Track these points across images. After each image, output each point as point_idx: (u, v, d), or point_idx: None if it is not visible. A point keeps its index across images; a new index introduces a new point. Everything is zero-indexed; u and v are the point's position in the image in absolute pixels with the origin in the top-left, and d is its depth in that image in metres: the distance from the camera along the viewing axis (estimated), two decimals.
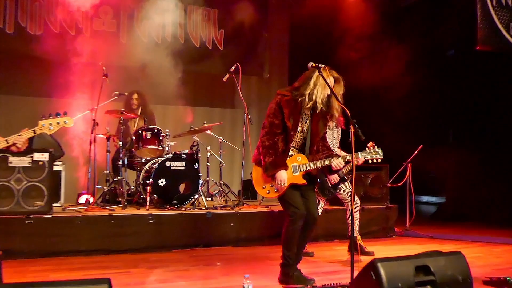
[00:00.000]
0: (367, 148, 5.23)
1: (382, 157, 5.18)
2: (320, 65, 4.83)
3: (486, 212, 10.46)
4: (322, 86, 4.86)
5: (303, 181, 4.92)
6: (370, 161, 6.14)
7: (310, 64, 4.89)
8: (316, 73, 4.84)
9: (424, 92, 11.06)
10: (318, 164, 4.93)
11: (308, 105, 4.88)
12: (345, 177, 6.37)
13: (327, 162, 4.95)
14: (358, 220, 6.62)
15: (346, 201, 6.55)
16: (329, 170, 5.20)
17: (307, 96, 4.87)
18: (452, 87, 11.31)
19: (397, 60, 10.48)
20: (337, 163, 4.95)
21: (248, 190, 9.62)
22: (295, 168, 4.91)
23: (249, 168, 10.51)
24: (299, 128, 4.93)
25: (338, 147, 6.65)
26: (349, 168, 6.50)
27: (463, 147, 10.80)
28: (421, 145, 8.43)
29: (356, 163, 6.28)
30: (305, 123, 4.97)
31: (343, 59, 10.32)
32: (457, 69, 11.20)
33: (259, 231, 7.35)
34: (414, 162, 8.52)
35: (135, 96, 8.78)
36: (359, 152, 5.09)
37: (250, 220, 7.34)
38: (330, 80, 4.89)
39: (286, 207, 4.93)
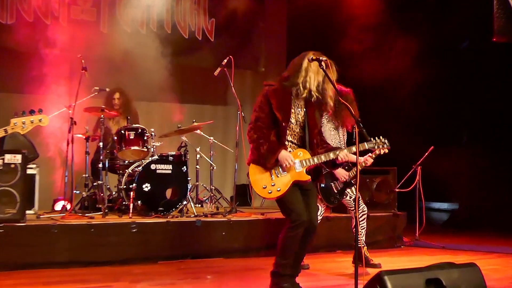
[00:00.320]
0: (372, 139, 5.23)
1: (389, 147, 5.18)
2: (321, 57, 4.84)
3: (504, 220, 10.49)
4: (315, 72, 4.91)
5: (308, 177, 4.94)
6: (374, 155, 6.20)
7: (311, 57, 4.91)
8: (306, 60, 4.91)
9: (435, 87, 11.08)
10: (323, 158, 4.96)
11: (304, 95, 4.92)
12: (352, 181, 6.39)
13: (331, 155, 4.96)
14: (365, 229, 6.64)
15: (352, 208, 6.56)
16: (333, 165, 5.17)
17: (301, 85, 4.92)
18: (465, 82, 11.34)
19: (405, 52, 10.49)
20: (343, 155, 4.96)
21: (242, 196, 9.62)
22: (297, 163, 4.92)
23: (243, 172, 10.50)
24: (292, 120, 4.95)
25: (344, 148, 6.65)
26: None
27: (478, 148, 10.83)
28: (432, 146, 8.45)
29: (364, 164, 6.34)
30: (299, 114, 4.99)
31: (345, 51, 10.33)
32: (471, 62, 11.23)
33: (254, 241, 7.35)
34: (424, 165, 8.54)
35: (117, 95, 8.78)
36: (364, 143, 5.09)
37: (244, 229, 7.34)
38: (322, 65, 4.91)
39: (287, 212, 4.94)
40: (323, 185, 6.30)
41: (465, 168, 10.89)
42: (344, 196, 6.48)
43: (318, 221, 6.27)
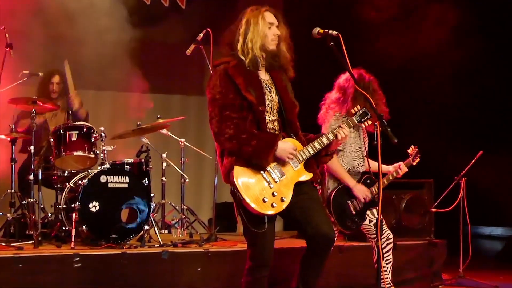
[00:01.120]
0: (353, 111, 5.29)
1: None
2: (332, 31, 4.88)
3: None
4: (258, 25, 4.94)
5: (310, 174, 4.98)
6: (409, 163, 6.30)
7: (317, 30, 4.96)
8: (247, 14, 4.99)
9: (483, 72, 11.10)
10: (316, 145, 4.99)
11: (248, 64, 4.92)
12: (375, 199, 6.42)
13: (325, 140, 4.98)
14: (391, 263, 6.65)
15: (373, 235, 6.57)
16: (325, 154, 5.18)
17: (240, 51, 4.95)
18: None
19: (441, 25, 10.52)
20: (343, 133, 4.98)
21: (224, 218, 9.63)
22: (293, 159, 4.93)
23: (225, 185, 10.47)
24: (267, 102, 4.95)
25: (366, 156, 6.70)
26: (386, 182, 6.56)
27: None
28: (481, 151, 8.47)
29: (395, 175, 6.39)
30: (271, 93, 5.00)
31: (360, 23, 10.35)
32: None
33: (240, 278, 7.35)
34: (470, 176, 8.57)
35: (56, 79, 8.77)
36: (353, 117, 5.17)
37: (226, 263, 7.33)
38: (268, 19, 4.99)
39: (250, 243, 4.99)
40: (336, 203, 6.33)
41: None
42: (366, 217, 6.51)
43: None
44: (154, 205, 8.12)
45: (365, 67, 6.39)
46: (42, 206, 7.93)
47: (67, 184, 7.78)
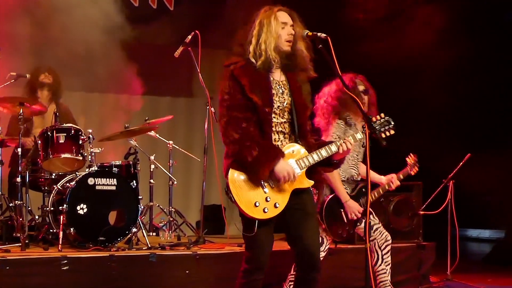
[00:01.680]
0: (374, 119, 5.27)
1: (395, 128, 5.18)
2: (320, 34, 4.87)
3: None
4: (271, 26, 4.90)
5: (310, 183, 4.93)
6: (403, 175, 6.32)
7: (305, 32, 4.94)
8: (260, 15, 4.95)
9: (470, 73, 11.14)
10: (323, 153, 4.92)
11: (260, 65, 4.87)
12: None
13: (333, 148, 4.95)
14: (389, 264, 6.66)
15: (371, 238, 6.58)
16: (328, 163, 5.13)
17: (252, 53, 4.90)
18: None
19: (430, 25, 10.53)
20: (345, 146, 4.94)
21: (212, 221, 9.62)
22: (294, 165, 4.86)
23: (213, 188, 10.54)
24: (275, 104, 4.90)
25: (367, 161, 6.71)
26: (376, 195, 6.56)
27: None
28: (469, 154, 8.49)
29: (387, 187, 6.41)
30: (283, 94, 4.95)
31: (348, 24, 10.36)
32: None
33: (229, 282, 7.34)
34: (458, 179, 8.58)
35: (45, 77, 8.73)
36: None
37: (215, 266, 7.34)
38: (281, 19, 4.95)
39: (247, 246, 4.95)
40: (326, 210, 6.33)
41: None
42: (358, 224, 6.51)
43: (322, 258, 6.32)
44: (142, 207, 8.10)
45: (352, 69, 6.38)
46: (29, 208, 7.91)
47: (54, 186, 7.75)
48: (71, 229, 7.34)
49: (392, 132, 5.28)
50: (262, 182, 4.77)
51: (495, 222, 12.34)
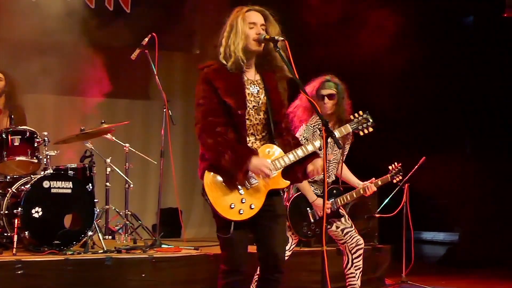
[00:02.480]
0: (352, 117, 5.36)
1: (374, 124, 5.29)
2: (278, 37, 4.88)
3: None
4: (238, 26, 4.88)
5: (286, 183, 4.94)
6: (381, 181, 6.39)
7: (263, 36, 4.93)
8: (231, 16, 4.92)
9: (426, 77, 11.21)
10: (299, 153, 4.93)
11: (231, 66, 4.85)
12: (340, 210, 6.47)
13: (310, 148, 4.96)
14: (361, 268, 6.66)
15: (342, 241, 6.60)
16: (302, 161, 5.14)
17: (223, 55, 4.88)
18: (469, 69, 11.52)
19: (383, 29, 10.56)
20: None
21: (168, 224, 9.60)
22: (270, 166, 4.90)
23: (170, 190, 10.51)
24: (251, 104, 4.91)
25: (341, 162, 6.73)
26: (349, 198, 6.58)
27: (487, 159, 10.98)
28: (424, 157, 8.56)
29: (362, 192, 6.46)
30: (258, 93, 4.96)
31: (305, 25, 10.36)
32: (476, 43, 11.43)
33: (185, 285, 7.34)
34: (414, 182, 8.65)
35: None
36: (347, 124, 5.32)
37: (171, 269, 7.33)
38: (250, 19, 4.93)
39: (222, 247, 4.94)
40: (291, 207, 6.34)
41: (469, 186, 11.04)
42: (329, 227, 6.53)
43: (287, 257, 6.34)
44: (98, 210, 8.08)
45: (305, 73, 6.40)
46: None
47: (9, 189, 7.69)
48: (26, 232, 7.29)
49: (371, 129, 5.37)
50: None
51: (449, 225, 12.45)
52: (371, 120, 5.47)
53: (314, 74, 6.62)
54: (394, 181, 6.75)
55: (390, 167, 6.83)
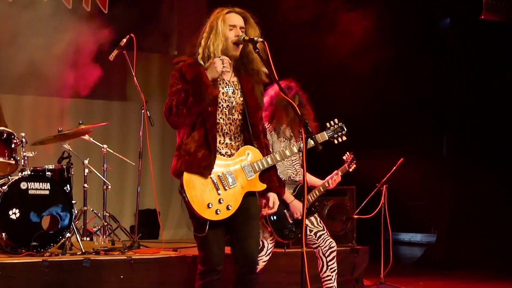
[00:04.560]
0: (328, 125, 5.42)
1: (347, 133, 5.44)
2: (257, 38, 4.88)
3: (497, 257, 10.74)
4: (218, 28, 4.91)
5: (263, 186, 4.99)
6: (342, 172, 6.42)
7: (242, 37, 4.94)
8: (211, 17, 4.95)
9: (402, 78, 11.25)
10: (277, 157, 4.99)
11: (207, 65, 4.88)
12: (312, 208, 6.48)
13: (288, 152, 5.00)
14: (336, 271, 6.66)
15: (314, 244, 6.61)
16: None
17: (201, 55, 4.91)
18: (445, 71, 11.58)
19: (352, 32, 10.57)
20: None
21: (146, 225, 9.57)
22: (248, 168, 4.93)
23: (148, 192, 10.50)
24: (221, 100, 4.93)
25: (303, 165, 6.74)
26: (317, 193, 6.60)
27: (464, 161, 11.04)
28: (402, 159, 8.60)
29: (327, 185, 6.48)
30: (233, 94, 4.98)
31: (280, 24, 10.35)
32: (452, 46, 11.49)
33: (164, 286, 7.32)
34: (391, 183, 8.68)
35: None
36: (324, 132, 5.38)
37: (150, 271, 7.30)
38: (230, 21, 4.96)
39: (199, 248, 4.97)
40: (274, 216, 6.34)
41: (446, 187, 11.10)
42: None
43: (264, 262, 6.35)
44: (76, 212, 8.04)
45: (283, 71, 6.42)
46: None
47: None
48: (3, 234, 7.25)
49: (345, 138, 5.44)
50: (217, 184, 4.83)
51: (427, 226, 12.51)
52: (345, 129, 5.56)
53: (281, 76, 6.61)
54: (351, 169, 6.79)
55: (344, 157, 6.88)
